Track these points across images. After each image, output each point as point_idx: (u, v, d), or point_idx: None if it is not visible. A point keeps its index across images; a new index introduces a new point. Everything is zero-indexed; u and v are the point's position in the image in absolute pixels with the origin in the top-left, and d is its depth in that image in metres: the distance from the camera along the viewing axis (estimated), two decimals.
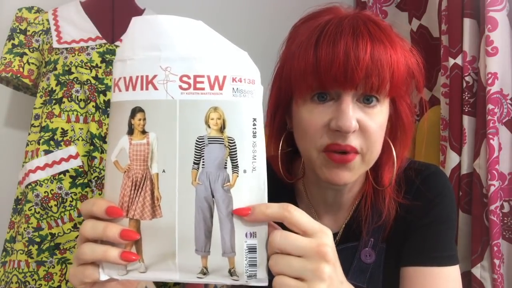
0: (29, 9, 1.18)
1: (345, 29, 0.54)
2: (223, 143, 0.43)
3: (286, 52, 0.61)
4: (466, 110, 0.98)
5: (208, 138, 0.43)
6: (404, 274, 0.62)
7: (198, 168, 0.44)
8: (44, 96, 1.09)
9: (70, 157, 1.03)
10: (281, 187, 0.70)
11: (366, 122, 0.55)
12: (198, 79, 0.43)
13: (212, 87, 0.43)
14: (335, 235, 0.68)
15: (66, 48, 1.10)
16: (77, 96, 1.06)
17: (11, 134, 1.36)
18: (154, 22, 0.45)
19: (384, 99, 0.57)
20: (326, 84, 0.54)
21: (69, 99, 1.06)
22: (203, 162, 0.44)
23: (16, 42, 1.15)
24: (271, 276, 0.44)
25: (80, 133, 1.05)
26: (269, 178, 0.74)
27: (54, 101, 1.06)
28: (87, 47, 1.10)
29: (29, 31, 1.16)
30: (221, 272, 0.44)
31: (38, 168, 1.03)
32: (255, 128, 0.44)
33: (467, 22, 0.98)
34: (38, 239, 1.00)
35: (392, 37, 0.56)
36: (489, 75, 0.92)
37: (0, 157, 1.36)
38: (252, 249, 0.44)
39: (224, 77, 0.43)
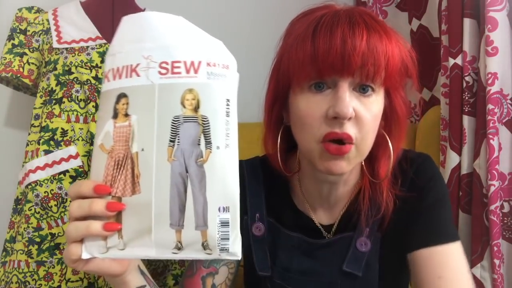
0: (29, 9, 1.18)
1: (341, 19, 0.55)
2: (197, 121, 0.46)
3: (284, 46, 0.62)
4: (466, 110, 0.98)
5: (184, 117, 0.46)
6: (412, 258, 0.63)
7: (173, 146, 0.46)
8: (44, 96, 1.09)
9: (70, 157, 1.03)
10: (277, 183, 0.71)
11: (361, 112, 0.56)
12: (175, 64, 0.46)
13: (188, 71, 0.46)
14: (330, 226, 0.69)
15: (66, 48, 1.10)
16: (77, 96, 1.06)
17: (11, 134, 1.36)
18: (139, 18, 0.49)
19: (379, 89, 0.58)
20: (324, 72, 0.55)
21: (69, 99, 1.06)
22: (178, 139, 0.46)
23: (16, 42, 1.15)
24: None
25: (80, 133, 1.05)
26: (265, 174, 0.75)
27: (54, 101, 1.06)
28: (87, 47, 1.10)
29: (29, 31, 1.16)
30: (194, 246, 0.45)
31: (38, 168, 1.03)
32: (228, 108, 0.46)
33: (467, 22, 0.98)
34: (38, 239, 1.00)
35: (387, 29, 0.57)
36: (489, 75, 0.92)
37: (0, 157, 1.36)
38: (224, 223, 0.45)
39: (199, 62, 0.46)
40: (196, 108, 0.46)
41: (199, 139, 0.46)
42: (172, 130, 0.46)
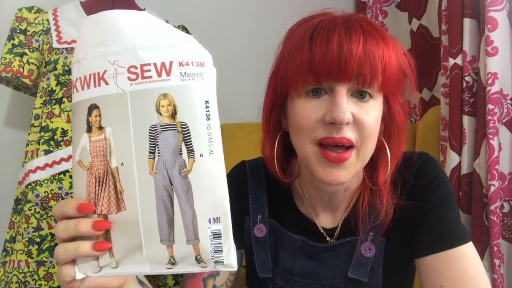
0: (29, 9, 1.18)
1: (338, 24, 0.55)
2: (176, 129, 0.43)
3: (282, 52, 0.62)
4: (466, 110, 0.98)
5: (161, 126, 0.43)
6: (422, 264, 0.62)
7: (154, 157, 0.44)
8: (44, 96, 1.09)
9: (70, 157, 1.03)
10: (279, 185, 0.71)
11: (361, 115, 0.56)
12: (145, 68, 0.43)
13: (159, 74, 0.43)
14: (334, 229, 0.68)
15: (66, 48, 1.10)
16: None
17: (11, 134, 1.36)
18: (99, 20, 0.45)
19: (377, 95, 0.58)
20: (321, 77, 0.55)
21: (69, 99, 1.06)
22: (158, 150, 0.44)
23: (16, 42, 1.15)
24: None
25: None
26: (267, 175, 0.75)
27: (54, 101, 1.06)
28: None
29: (29, 31, 1.16)
30: (188, 261, 0.44)
31: (38, 168, 1.03)
32: (208, 111, 0.43)
33: (467, 22, 0.98)
34: (38, 239, 1.00)
35: (384, 34, 0.57)
36: (489, 75, 0.92)
37: (0, 157, 1.36)
38: (216, 235, 0.43)
39: (171, 63, 0.43)
40: (173, 115, 0.43)
41: (181, 148, 0.43)
42: (150, 141, 0.43)
